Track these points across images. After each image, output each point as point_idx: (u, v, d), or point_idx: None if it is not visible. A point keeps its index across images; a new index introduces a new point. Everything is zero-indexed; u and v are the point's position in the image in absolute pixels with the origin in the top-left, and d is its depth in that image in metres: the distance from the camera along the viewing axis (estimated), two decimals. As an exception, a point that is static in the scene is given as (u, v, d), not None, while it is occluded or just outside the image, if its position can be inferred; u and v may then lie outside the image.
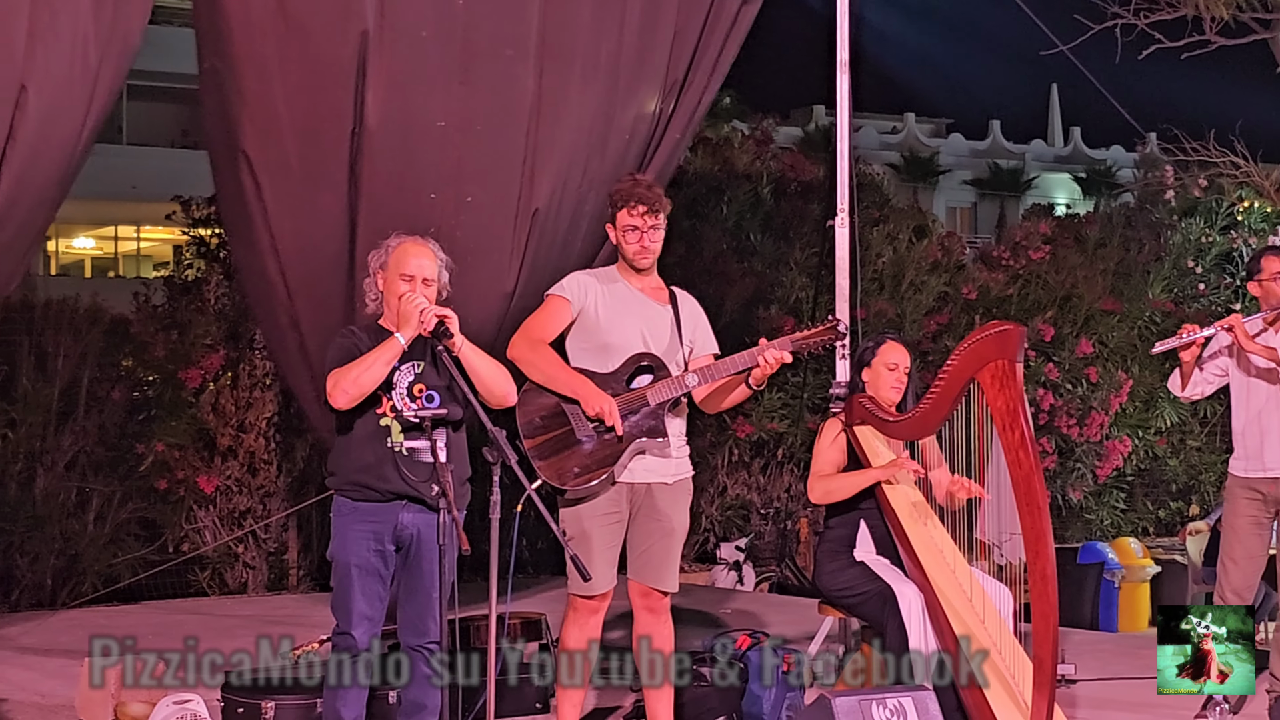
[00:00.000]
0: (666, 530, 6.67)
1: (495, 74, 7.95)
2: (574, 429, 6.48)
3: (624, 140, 8.47)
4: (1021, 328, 6.74)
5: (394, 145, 7.87)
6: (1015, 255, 16.51)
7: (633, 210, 6.59)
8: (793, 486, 14.58)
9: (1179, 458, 16.64)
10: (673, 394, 6.53)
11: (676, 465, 6.69)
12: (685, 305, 6.78)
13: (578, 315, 6.61)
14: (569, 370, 6.54)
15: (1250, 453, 7.73)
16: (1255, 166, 13.78)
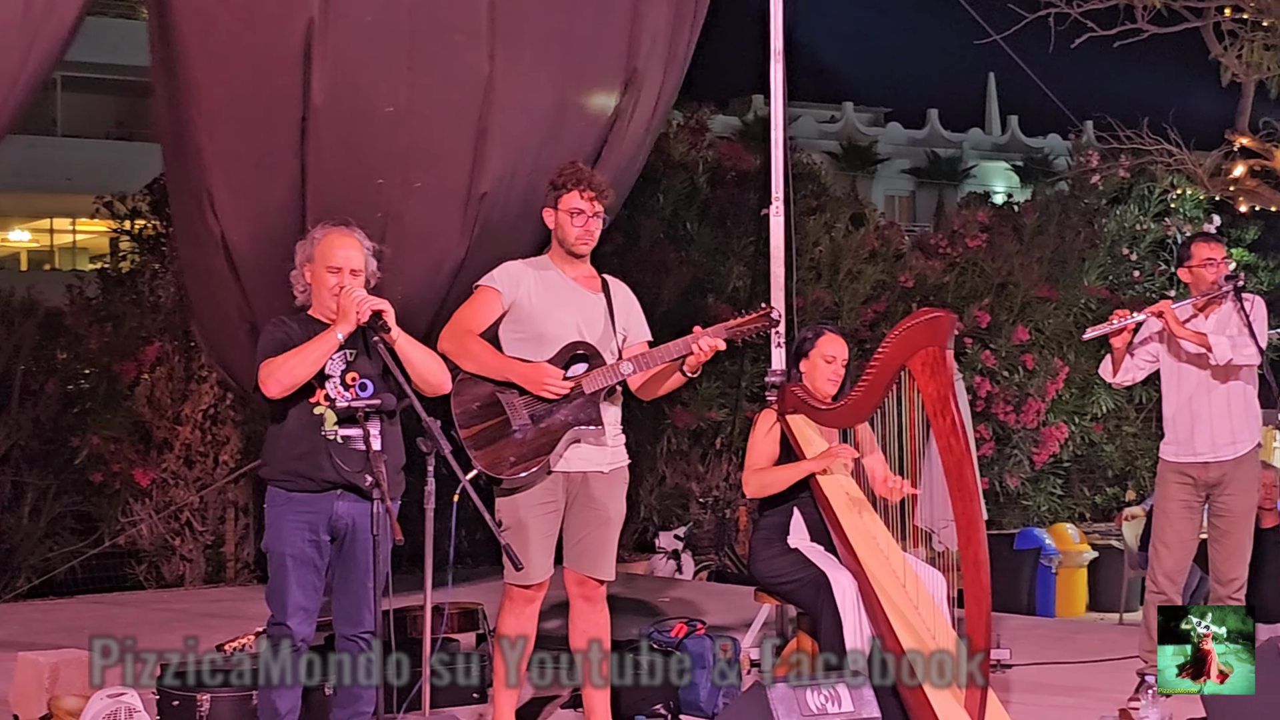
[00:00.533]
0: (603, 519, 6.68)
1: (443, 59, 7.92)
2: (509, 418, 6.48)
3: (579, 129, 8.46)
4: (951, 315, 6.76)
5: (341, 131, 7.85)
6: (953, 244, 16.59)
7: (583, 193, 6.59)
8: (731, 475, 14.61)
9: (1115, 444, 16.76)
10: (608, 382, 6.53)
11: (612, 454, 6.70)
12: (618, 293, 6.78)
13: (509, 306, 6.60)
14: (501, 356, 6.54)
15: (1181, 438, 7.79)
16: (1188, 154, 13.87)
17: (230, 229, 8.21)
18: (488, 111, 8.13)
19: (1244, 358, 7.59)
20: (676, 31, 9.03)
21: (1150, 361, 7.91)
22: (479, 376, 6.54)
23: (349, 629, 6.26)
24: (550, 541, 6.61)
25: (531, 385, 6.46)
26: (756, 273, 13.84)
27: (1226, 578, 7.75)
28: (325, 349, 6.07)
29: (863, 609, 6.83)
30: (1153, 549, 7.89)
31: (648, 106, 8.81)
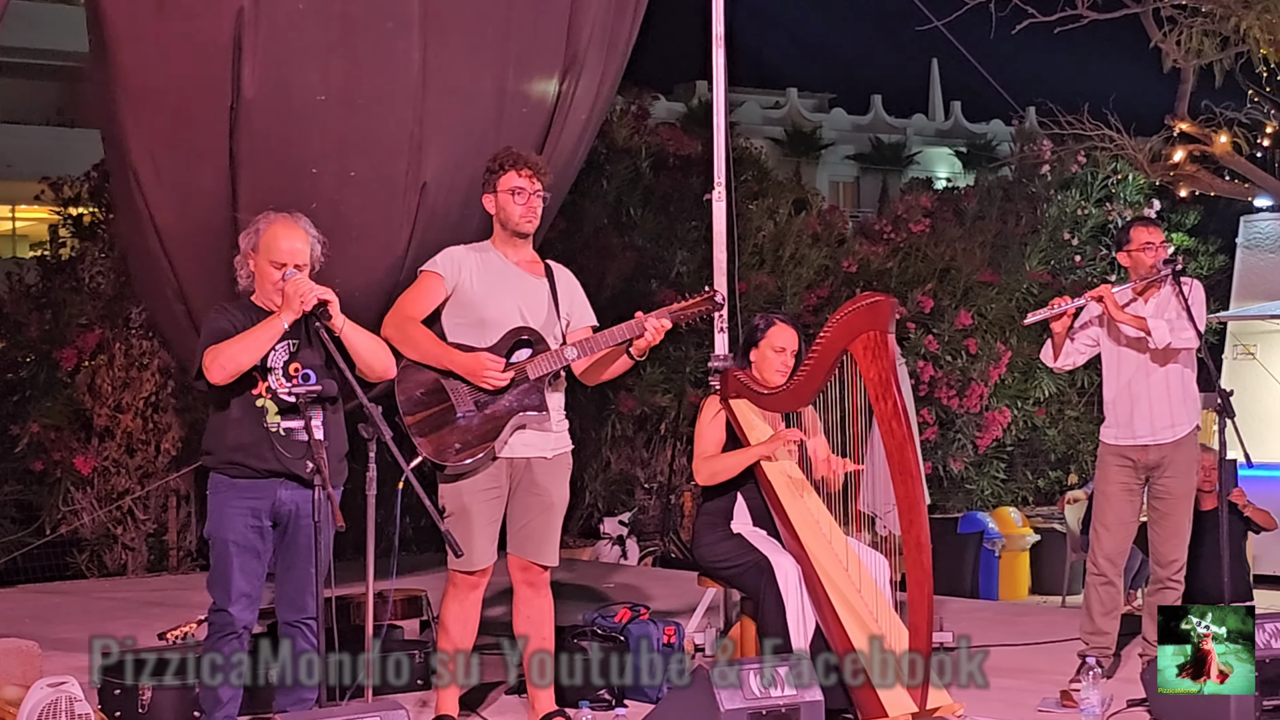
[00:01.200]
0: (546, 505, 6.68)
1: (376, 47, 7.89)
2: (454, 404, 6.48)
3: (522, 117, 8.43)
4: (892, 299, 6.81)
5: (273, 121, 7.80)
6: (896, 228, 16.64)
7: (520, 172, 6.59)
8: (676, 460, 14.62)
9: (1057, 428, 16.85)
10: (552, 367, 6.53)
11: (556, 440, 6.70)
12: (561, 278, 6.77)
13: (452, 291, 6.59)
14: (442, 345, 6.53)
15: (1120, 421, 7.83)
16: (1129, 139, 13.94)
17: (157, 211, 8.17)
18: (423, 99, 8.09)
19: (1182, 341, 7.64)
20: (618, 17, 9.00)
21: (1091, 345, 7.95)
22: (422, 364, 6.53)
23: (291, 615, 6.26)
24: (494, 528, 6.61)
25: (471, 375, 6.46)
26: (700, 258, 13.86)
27: (1166, 560, 7.81)
28: (269, 335, 6.05)
29: (805, 593, 6.86)
30: (1093, 531, 7.94)
31: (589, 93, 8.78)
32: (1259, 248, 15.31)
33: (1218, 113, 13.40)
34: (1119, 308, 7.72)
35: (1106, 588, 7.83)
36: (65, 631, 9.19)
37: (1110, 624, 7.85)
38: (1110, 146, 14.17)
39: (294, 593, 6.24)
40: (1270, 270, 14.90)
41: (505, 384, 6.45)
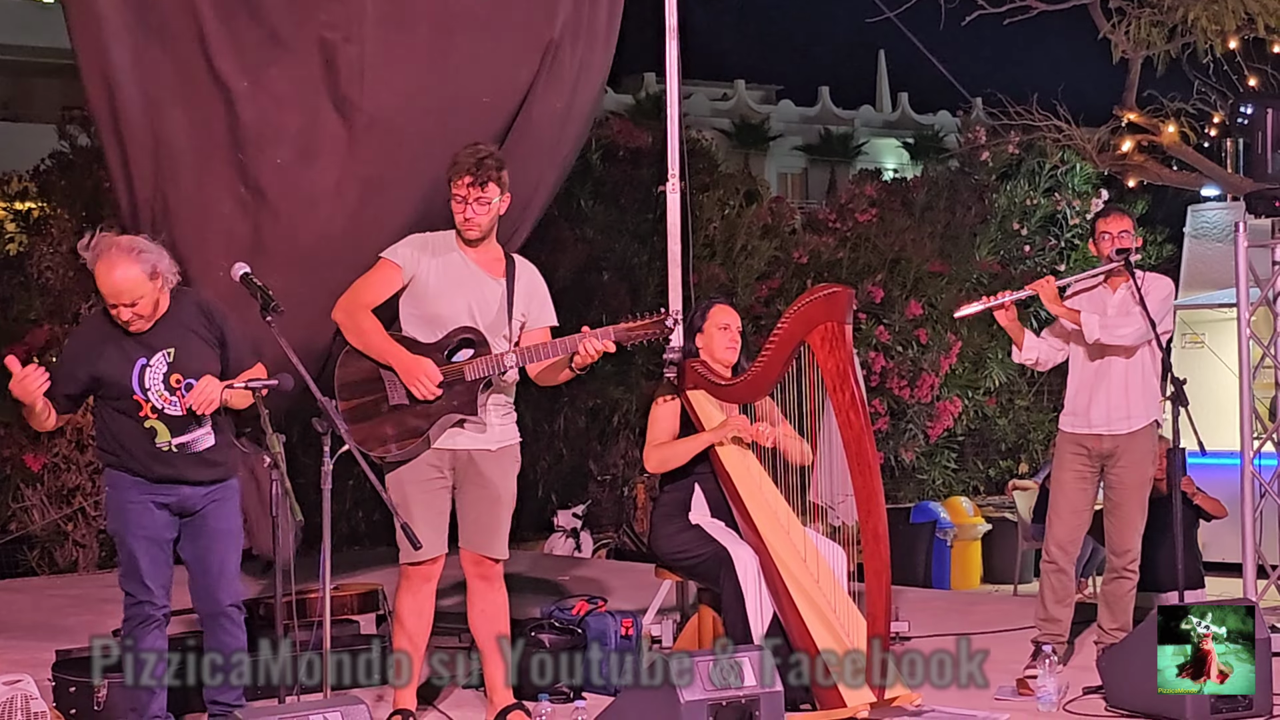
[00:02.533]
0: (493, 497, 6.67)
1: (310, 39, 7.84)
2: (388, 395, 6.50)
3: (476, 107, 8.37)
4: (849, 290, 6.83)
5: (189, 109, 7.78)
6: (841, 218, 16.66)
7: (459, 181, 6.56)
8: (629, 453, 14.62)
9: (1008, 417, 16.92)
10: (489, 372, 6.52)
11: (501, 432, 6.70)
12: (523, 277, 6.74)
13: (409, 282, 6.59)
14: (386, 339, 6.53)
15: (1078, 409, 7.87)
16: (1077, 129, 14.00)
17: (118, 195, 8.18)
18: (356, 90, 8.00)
19: (1114, 338, 7.65)
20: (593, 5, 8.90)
21: (1062, 348, 7.96)
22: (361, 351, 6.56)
23: (207, 608, 6.31)
24: (439, 518, 6.60)
25: (405, 377, 6.46)
26: (652, 249, 13.86)
27: (1120, 549, 7.84)
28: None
29: (764, 584, 6.87)
30: (1048, 519, 7.99)
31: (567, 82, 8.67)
32: (1206, 237, 15.40)
33: (1165, 103, 13.46)
34: (1055, 300, 7.74)
35: (1058, 575, 7.87)
36: (17, 629, 9.14)
37: (1063, 612, 7.88)
38: (1059, 137, 14.23)
39: (207, 586, 6.29)
40: (1217, 259, 14.97)
41: (435, 396, 6.45)
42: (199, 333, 6.22)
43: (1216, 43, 12.69)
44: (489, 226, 6.64)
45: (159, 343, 6.14)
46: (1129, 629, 7.78)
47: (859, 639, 6.77)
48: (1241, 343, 8.42)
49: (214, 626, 6.30)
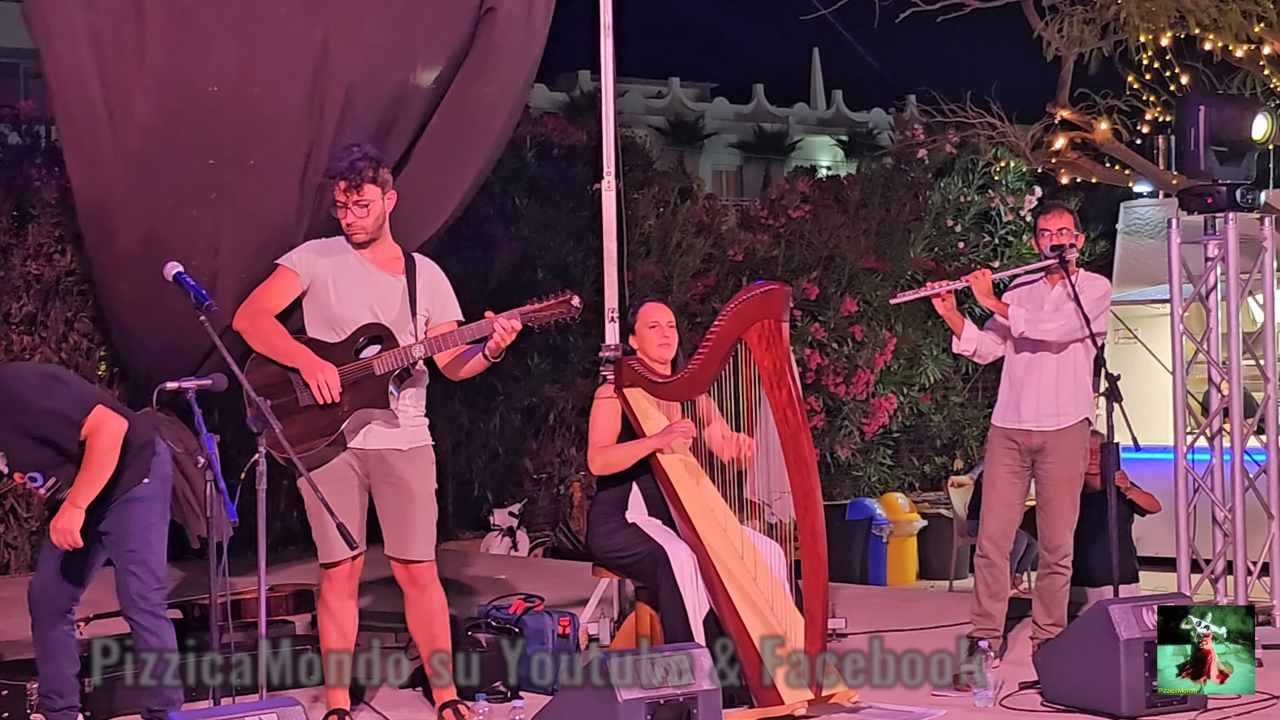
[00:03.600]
0: (405, 496, 6.64)
1: (272, 34, 7.81)
2: (298, 397, 6.48)
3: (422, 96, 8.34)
4: (786, 287, 6.83)
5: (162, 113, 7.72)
6: (774, 214, 16.66)
7: (335, 187, 6.59)
8: (565, 451, 14.59)
9: (943, 414, 16.96)
10: (398, 364, 6.51)
11: (412, 433, 6.69)
12: (423, 273, 6.73)
13: (308, 287, 6.59)
14: (289, 340, 6.52)
15: (1009, 404, 7.91)
16: (1011, 126, 14.03)
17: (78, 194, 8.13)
18: (324, 86, 7.98)
19: (1039, 332, 7.69)
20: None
21: (1001, 342, 7.99)
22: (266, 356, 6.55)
23: (131, 610, 6.35)
24: (354, 517, 6.55)
25: (307, 376, 6.45)
26: (587, 247, 13.84)
27: (1052, 545, 7.88)
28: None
29: (701, 582, 6.87)
30: (981, 514, 8.03)
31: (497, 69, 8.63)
32: (1139, 233, 15.47)
33: (1098, 100, 13.51)
34: (986, 294, 7.78)
35: (992, 570, 7.91)
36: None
37: (997, 607, 7.92)
38: (993, 134, 14.26)
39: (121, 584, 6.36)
40: (1150, 255, 15.04)
41: (334, 400, 6.43)
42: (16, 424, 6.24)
43: (1148, 40, 12.75)
44: (374, 228, 6.63)
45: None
46: (1064, 624, 7.82)
47: (796, 636, 6.78)
48: (1175, 339, 8.47)
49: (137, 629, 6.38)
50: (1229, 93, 12.09)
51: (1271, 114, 8.43)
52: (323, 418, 6.46)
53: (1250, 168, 8.38)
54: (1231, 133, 8.26)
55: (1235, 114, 8.38)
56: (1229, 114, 8.35)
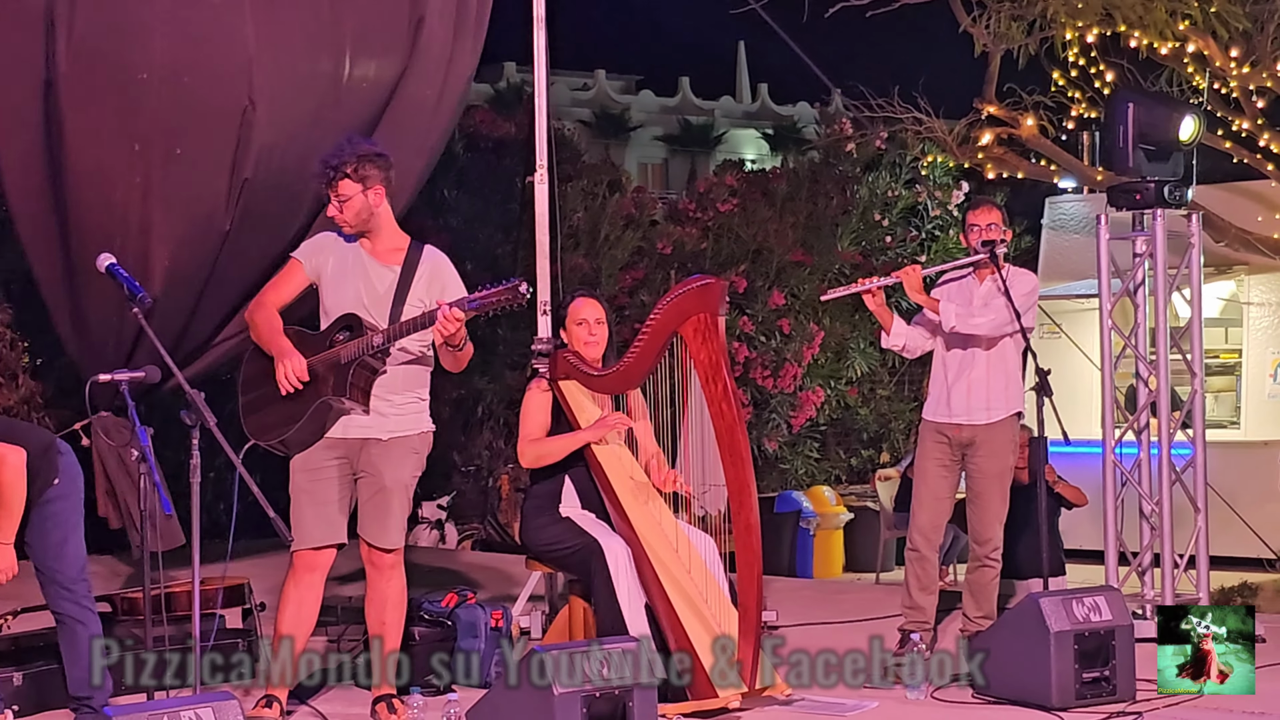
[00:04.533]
0: (377, 486, 6.68)
1: (203, 24, 7.77)
2: (279, 387, 6.50)
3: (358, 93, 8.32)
4: (723, 282, 6.86)
5: (89, 96, 7.67)
6: (702, 208, 16.68)
7: (321, 180, 6.66)
8: (494, 443, 14.57)
9: (869, 407, 17.02)
10: (361, 353, 6.54)
11: (395, 423, 6.71)
12: (426, 263, 6.78)
13: (316, 278, 6.71)
14: (273, 331, 6.58)
15: (939, 398, 7.96)
16: (938, 121, 14.09)
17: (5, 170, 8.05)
18: (252, 79, 7.97)
19: (969, 326, 7.74)
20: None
21: (930, 337, 8.03)
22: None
23: (56, 603, 6.33)
24: (327, 508, 6.63)
25: (276, 368, 6.50)
26: (515, 240, 13.83)
27: (982, 538, 7.94)
28: None
29: (635, 576, 6.88)
30: (911, 507, 8.08)
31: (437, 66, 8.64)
32: (1063, 229, 15.58)
33: (1024, 96, 13.58)
34: (917, 289, 7.83)
35: (922, 563, 7.96)
36: None
37: (928, 599, 7.97)
38: (920, 129, 14.31)
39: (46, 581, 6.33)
40: (1074, 250, 15.17)
41: (296, 389, 6.47)
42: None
43: (1074, 37, 12.84)
44: (357, 221, 6.68)
45: None
46: (994, 617, 7.88)
47: (730, 629, 6.80)
48: (1103, 334, 8.53)
49: (62, 621, 6.36)
50: (1158, 91, 12.19)
51: (1199, 115, 8.51)
52: (292, 407, 6.51)
53: (1178, 165, 8.45)
54: (1160, 132, 8.33)
55: (1164, 114, 8.45)
56: (1158, 113, 8.42)
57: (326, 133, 8.01)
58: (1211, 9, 12.21)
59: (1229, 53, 12.45)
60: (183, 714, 5.17)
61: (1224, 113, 13.20)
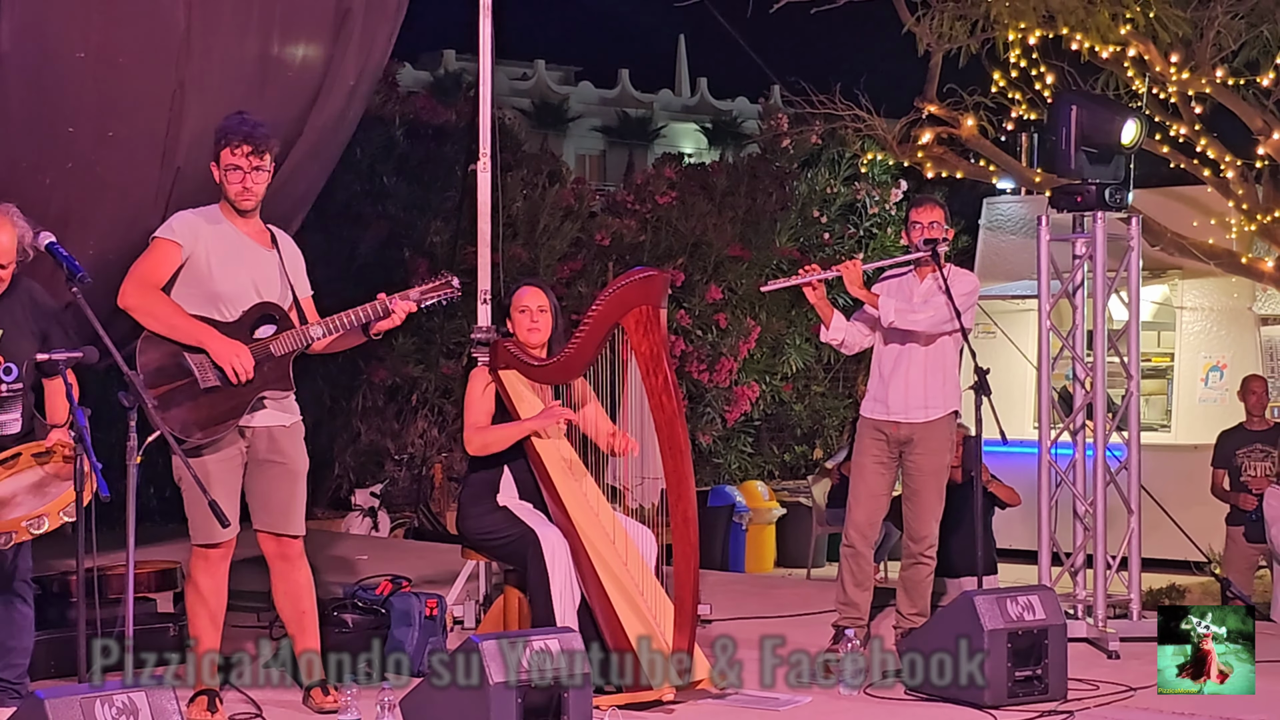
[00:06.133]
0: (291, 473, 6.61)
1: (138, 6, 7.70)
2: (197, 380, 6.33)
3: (285, 79, 8.28)
4: (666, 275, 6.85)
5: (28, 76, 7.57)
6: (640, 200, 16.70)
7: (235, 149, 6.44)
8: (427, 432, 14.54)
9: (804, 403, 17.09)
10: (298, 345, 6.48)
11: (288, 405, 6.64)
12: (286, 247, 6.69)
13: (186, 260, 6.43)
14: (192, 320, 6.36)
15: (877, 395, 7.98)
16: (878, 120, 14.14)
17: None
18: (185, 62, 7.91)
19: (908, 322, 7.76)
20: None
21: (869, 333, 8.04)
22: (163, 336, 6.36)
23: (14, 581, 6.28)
24: (234, 497, 6.49)
25: (219, 358, 6.32)
26: (454, 228, 13.79)
27: (918, 535, 7.96)
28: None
29: (572, 567, 6.86)
30: (848, 503, 8.09)
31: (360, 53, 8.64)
32: (1000, 229, 15.70)
33: (965, 96, 13.65)
34: (856, 284, 7.84)
35: (857, 559, 7.98)
36: None
37: (863, 596, 7.98)
38: (860, 126, 14.35)
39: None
40: (1011, 251, 15.29)
41: (250, 379, 6.36)
42: (25, 322, 6.11)
43: (1016, 39, 12.90)
44: (260, 197, 6.55)
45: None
46: (927, 614, 7.91)
47: (666, 622, 6.80)
48: (1042, 335, 8.56)
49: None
50: (1101, 94, 12.25)
51: (1141, 119, 8.54)
52: (228, 400, 6.35)
53: (1119, 168, 8.49)
54: (1102, 135, 8.35)
55: (1106, 117, 8.47)
56: (1100, 116, 8.44)
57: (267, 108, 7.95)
58: (1152, 14, 12.30)
59: (1169, 58, 12.55)
60: (116, 698, 5.11)
61: (1162, 117, 13.30)
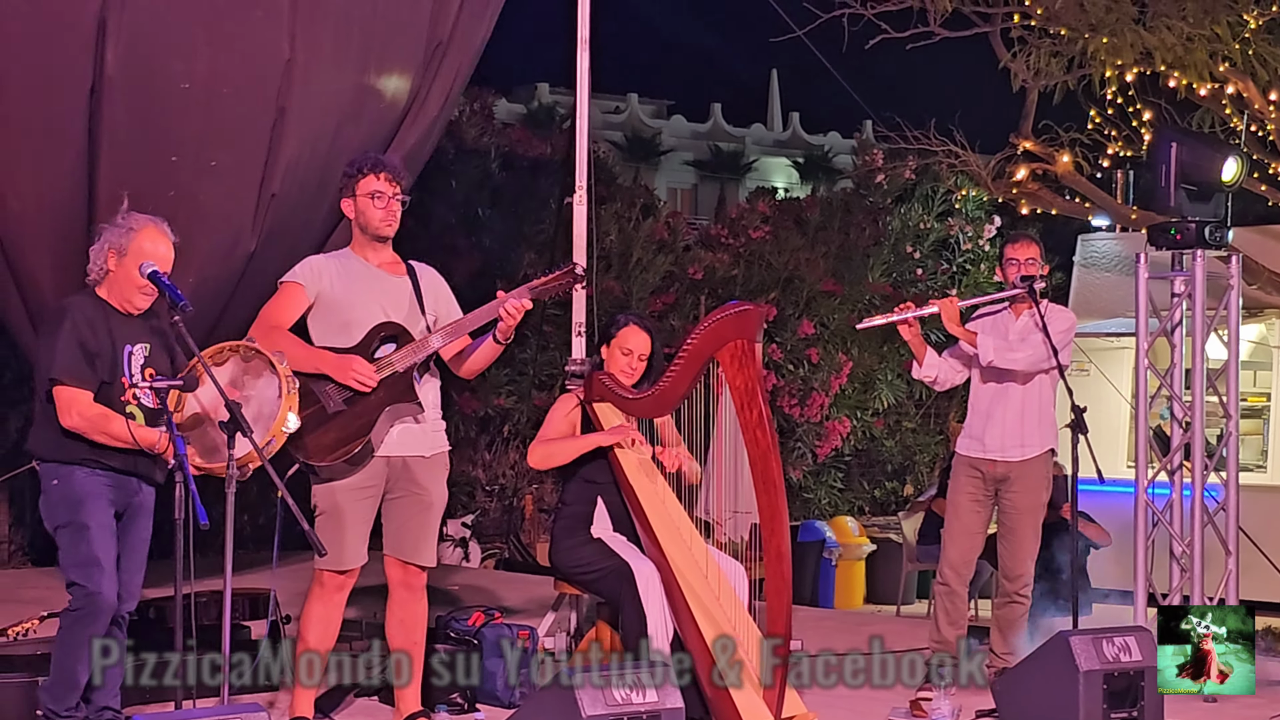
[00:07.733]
0: (425, 504, 6.66)
1: (243, 37, 7.80)
2: (324, 406, 6.42)
3: (378, 110, 8.37)
4: (761, 308, 6.85)
5: (136, 106, 7.70)
6: (734, 234, 16.71)
7: (380, 175, 6.54)
8: (518, 464, 14.57)
9: (895, 439, 17.01)
10: (419, 357, 6.51)
11: (434, 439, 6.70)
12: (425, 276, 6.76)
13: (315, 299, 6.54)
14: (309, 348, 6.47)
15: (974, 433, 7.94)
16: (973, 155, 14.07)
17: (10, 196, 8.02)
18: (286, 92, 8.02)
19: (1007, 361, 7.72)
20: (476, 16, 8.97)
21: (961, 370, 8.01)
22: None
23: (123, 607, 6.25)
24: (366, 527, 6.57)
25: (340, 375, 6.40)
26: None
27: (1014, 574, 7.92)
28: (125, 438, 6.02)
29: (665, 600, 6.85)
30: (943, 540, 8.05)
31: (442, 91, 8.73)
32: (1095, 266, 15.56)
33: (1060, 132, 13.56)
34: (954, 320, 7.80)
35: (951, 597, 7.94)
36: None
37: (956, 634, 7.94)
38: (954, 162, 14.29)
39: (129, 582, 6.25)
40: (1106, 288, 15.15)
41: (375, 385, 6.40)
42: (164, 335, 6.23)
43: (1113, 76, 12.82)
44: (398, 225, 6.63)
45: (141, 334, 6.19)
46: (1020, 653, 7.84)
47: (757, 656, 6.78)
48: (1140, 373, 8.50)
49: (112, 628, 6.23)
50: (1201, 131, 12.15)
51: (1241, 157, 8.48)
52: (355, 420, 6.42)
53: (1219, 206, 8.43)
54: (1202, 173, 8.30)
55: (1207, 154, 8.41)
56: (1201, 153, 8.39)
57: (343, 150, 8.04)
58: (1251, 51, 12.19)
59: (1267, 95, 12.42)
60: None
61: (1260, 155, 13.17)
